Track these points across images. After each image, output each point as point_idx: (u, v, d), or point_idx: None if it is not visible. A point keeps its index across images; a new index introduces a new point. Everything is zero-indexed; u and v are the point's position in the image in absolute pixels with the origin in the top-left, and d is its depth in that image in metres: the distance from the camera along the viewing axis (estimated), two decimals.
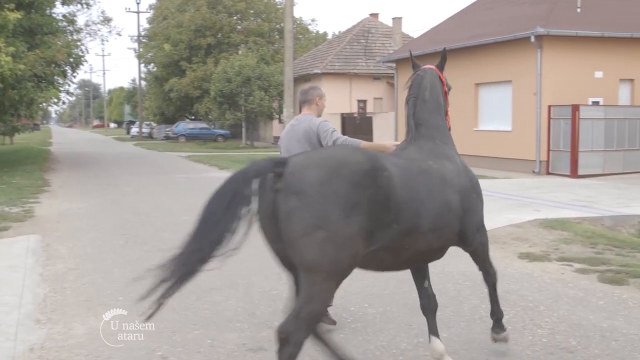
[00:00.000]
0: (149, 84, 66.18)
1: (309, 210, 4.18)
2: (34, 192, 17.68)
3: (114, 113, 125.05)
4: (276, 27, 55.24)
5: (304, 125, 6.43)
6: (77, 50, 30.18)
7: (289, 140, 6.48)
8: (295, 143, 6.38)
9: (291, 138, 6.47)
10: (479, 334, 6.08)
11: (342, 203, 4.17)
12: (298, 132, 6.44)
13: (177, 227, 11.95)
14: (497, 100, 25.00)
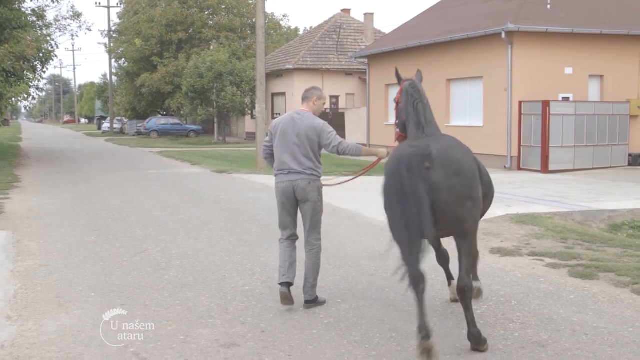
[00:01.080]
0: (120, 80, 65.65)
1: (465, 185, 5.56)
2: (3, 188, 17.47)
3: (85, 108, 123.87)
4: (248, 22, 55.08)
5: (307, 122, 6.79)
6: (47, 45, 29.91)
7: (288, 129, 6.79)
8: (294, 136, 6.74)
9: (290, 128, 6.78)
10: (451, 329, 6.13)
11: (477, 178, 5.79)
12: (300, 126, 6.76)
13: (148, 222, 11.92)
14: (468, 96, 25.19)
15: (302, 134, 6.74)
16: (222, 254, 9.37)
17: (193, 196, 15.73)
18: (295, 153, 6.74)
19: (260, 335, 6.00)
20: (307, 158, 6.75)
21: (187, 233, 10.95)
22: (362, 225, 11.72)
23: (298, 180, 6.72)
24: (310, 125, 6.76)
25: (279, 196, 6.85)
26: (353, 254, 9.30)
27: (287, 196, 6.79)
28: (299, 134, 6.74)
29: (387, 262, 8.71)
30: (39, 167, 25.63)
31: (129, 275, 8.20)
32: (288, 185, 6.76)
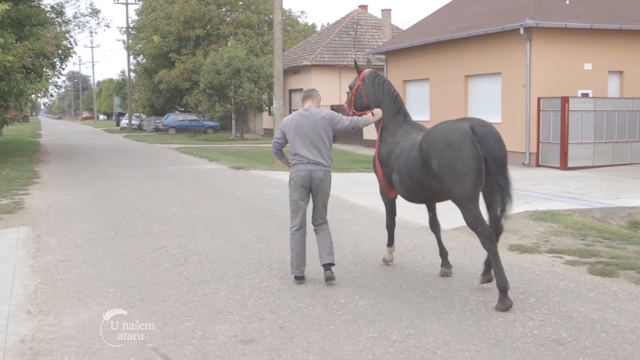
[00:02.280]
0: (138, 76, 65.92)
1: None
2: (23, 183, 17.61)
3: (104, 105, 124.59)
4: (265, 18, 55.11)
5: (317, 115, 7.59)
6: (66, 42, 30.05)
7: (302, 124, 7.53)
8: (309, 130, 7.49)
9: (303, 125, 7.52)
10: (469, 326, 6.10)
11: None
12: (313, 120, 7.53)
13: (167, 218, 11.96)
14: (486, 92, 25.04)
15: (317, 127, 7.50)
16: (240, 250, 9.40)
17: (211, 192, 15.77)
18: (312, 147, 7.47)
19: (278, 331, 6.01)
20: (323, 151, 7.51)
21: (205, 229, 10.99)
22: (379, 221, 11.67)
23: (316, 170, 7.47)
24: (320, 117, 7.56)
25: (298, 183, 7.52)
26: (370, 251, 9.30)
27: (305, 184, 7.51)
28: (314, 127, 7.49)
29: (405, 259, 8.73)
30: (58, 163, 25.80)
31: (147, 270, 8.24)
32: (307, 174, 7.46)
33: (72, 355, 5.48)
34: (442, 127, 7.07)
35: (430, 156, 6.91)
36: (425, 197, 7.70)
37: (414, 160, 7.23)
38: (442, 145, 6.79)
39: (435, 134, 7.00)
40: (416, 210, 12.54)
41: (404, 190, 7.71)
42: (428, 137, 7.09)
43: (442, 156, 6.76)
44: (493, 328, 6.03)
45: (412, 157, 7.28)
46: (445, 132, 6.91)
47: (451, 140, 6.74)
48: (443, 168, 6.77)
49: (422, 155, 7.06)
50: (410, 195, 7.76)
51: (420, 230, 10.80)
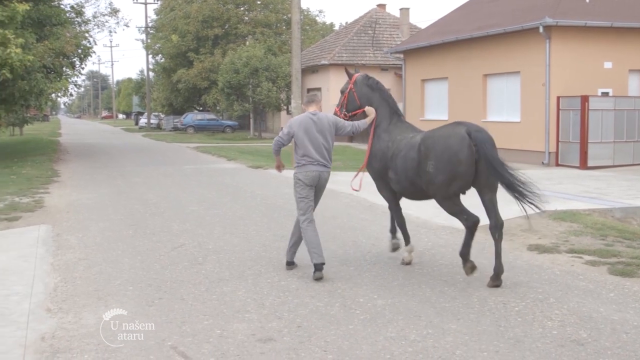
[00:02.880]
0: (157, 75, 66.20)
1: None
2: (43, 182, 17.75)
3: (123, 104, 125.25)
4: (283, 18, 55.13)
5: (325, 120, 8.01)
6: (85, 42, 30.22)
7: (312, 127, 7.91)
8: (317, 133, 7.90)
9: (311, 127, 7.91)
10: (488, 326, 6.07)
11: None
12: (321, 124, 7.95)
13: (185, 217, 12.01)
14: (505, 91, 24.92)
15: (325, 130, 7.97)
16: (258, 249, 9.41)
17: (229, 191, 15.81)
18: (321, 149, 7.92)
19: (296, 330, 6.01)
20: (329, 153, 8.04)
21: (223, 228, 11.02)
22: None
23: (323, 171, 7.97)
24: (327, 121, 8.04)
25: (306, 182, 7.93)
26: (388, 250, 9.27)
27: (313, 183, 7.95)
28: (322, 131, 7.94)
29: (423, 259, 8.70)
30: (77, 162, 25.98)
31: (166, 269, 8.28)
32: (316, 174, 7.92)
33: (92, 353, 5.51)
34: (441, 131, 7.58)
35: (428, 158, 7.42)
36: (413, 193, 8.15)
37: (412, 160, 7.71)
38: (441, 149, 7.31)
39: (435, 138, 7.49)
40: (435, 210, 12.52)
41: (399, 187, 8.19)
42: (427, 140, 7.57)
43: (440, 159, 7.30)
44: (512, 328, 6.00)
45: (410, 158, 7.74)
46: (444, 136, 7.41)
47: (449, 145, 7.28)
48: (438, 170, 7.33)
49: (420, 157, 7.55)
50: (404, 193, 8.30)
51: (439, 229, 10.78)
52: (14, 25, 21.53)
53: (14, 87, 23.07)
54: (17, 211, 12.80)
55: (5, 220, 11.84)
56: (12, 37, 20.62)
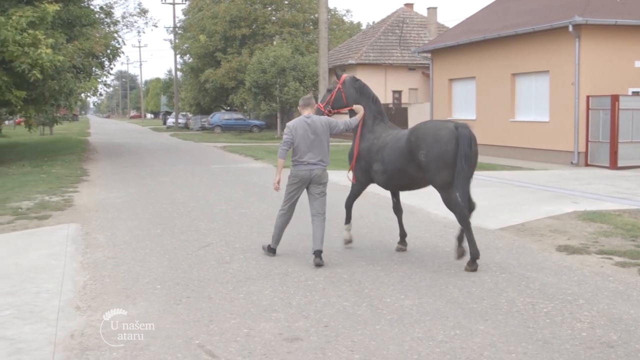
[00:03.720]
0: (184, 75, 66.61)
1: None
2: (73, 181, 17.94)
3: (151, 104, 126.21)
4: (311, 17, 55.21)
5: (319, 122, 8.69)
6: (114, 42, 30.53)
7: (308, 131, 8.59)
8: (315, 135, 8.58)
9: (311, 131, 8.59)
10: (516, 327, 6.02)
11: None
12: (314, 127, 8.62)
13: (213, 216, 12.06)
14: (534, 91, 24.73)
15: (319, 132, 8.61)
16: (285, 248, 9.42)
17: (256, 190, 15.85)
18: (313, 150, 8.60)
19: (323, 329, 6.01)
20: (323, 153, 8.67)
21: (250, 227, 11.05)
22: (425, 221, 11.64)
23: (314, 169, 8.63)
24: (321, 123, 8.67)
25: (298, 179, 8.72)
26: (416, 250, 9.25)
27: (304, 180, 8.69)
28: (316, 132, 8.60)
29: (451, 259, 8.65)
30: (106, 161, 26.21)
31: (193, 268, 8.32)
32: (307, 173, 8.65)
33: (120, 351, 5.56)
34: (431, 124, 8.62)
35: (419, 147, 8.18)
36: (402, 184, 8.95)
37: (400, 150, 8.49)
38: (432, 140, 8.09)
39: (425, 130, 8.33)
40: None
41: (385, 178, 8.87)
42: (417, 131, 8.40)
43: (432, 148, 8.06)
44: (541, 330, 5.95)
45: (398, 148, 8.52)
46: (435, 129, 8.27)
47: (440, 136, 8.07)
48: (430, 159, 8.08)
49: (410, 146, 8.32)
50: (388, 182, 8.95)
51: None
52: (45, 26, 21.79)
53: (44, 87, 23.35)
54: (47, 210, 12.95)
55: (36, 219, 11.98)
56: (42, 37, 20.87)
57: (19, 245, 9.87)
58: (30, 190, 15.82)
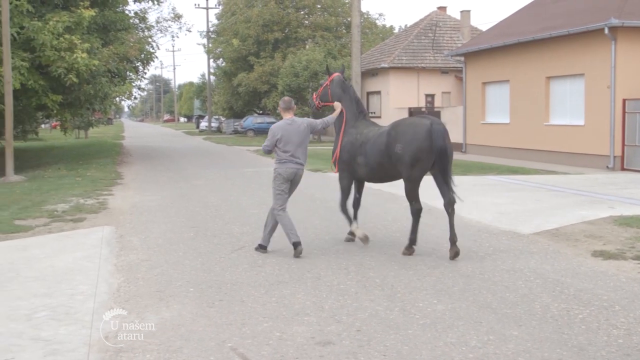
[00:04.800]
0: (217, 79, 67.00)
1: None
2: (107, 184, 18.13)
3: (184, 107, 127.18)
4: (343, 21, 55.22)
5: (300, 124, 9.35)
6: (148, 47, 30.83)
7: (291, 132, 9.22)
8: (295, 137, 9.21)
9: (293, 131, 9.23)
10: (551, 333, 5.96)
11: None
12: (300, 128, 9.30)
13: (246, 220, 12.11)
14: (568, 94, 24.47)
15: (301, 133, 9.28)
16: (317, 252, 9.43)
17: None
18: (297, 150, 9.24)
19: (355, 334, 6.00)
20: (304, 154, 9.36)
21: (280, 230, 11.05)
22: (458, 225, 11.47)
23: (300, 168, 9.34)
24: (302, 124, 9.36)
25: (285, 177, 9.26)
26: (448, 255, 9.18)
27: (290, 177, 9.28)
28: (298, 134, 9.24)
29: (484, 264, 8.59)
30: (140, 164, 26.45)
31: (226, 271, 8.35)
32: (294, 171, 9.27)
33: (154, 353, 5.60)
34: (409, 121, 9.48)
35: (397, 141, 8.90)
36: (380, 175, 9.66)
37: (381, 144, 9.20)
38: (409, 135, 8.82)
39: (404, 126, 9.09)
40: (495, 215, 12.38)
41: (367, 170, 9.59)
42: (397, 127, 9.16)
43: (408, 143, 8.78)
44: (576, 336, 5.88)
45: (379, 142, 9.24)
46: (412, 125, 9.03)
47: (416, 132, 8.80)
48: (405, 152, 8.79)
49: (389, 140, 9.04)
50: (370, 174, 9.66)
51: (500, 234, 10.62)
52: (81, 31, 22.11)
53: (80, 91, 23.68)
54: (82, 212, 13.11)
55: (71, 222, 12.13)
56: (78, 42, 21.18)
57: (55, 247, 9.99)
58: (66, 193, 16.03)
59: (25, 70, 20.80)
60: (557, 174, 20.76)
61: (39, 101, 22.87)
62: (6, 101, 20.04)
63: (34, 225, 11.83)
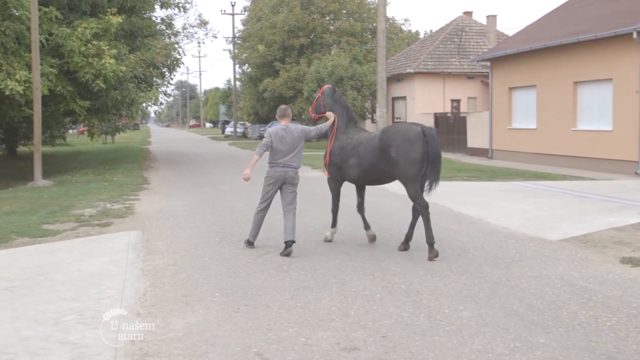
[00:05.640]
0: (243, 85, 67.30)
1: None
2: (134, 189, 18.26)
3: (210, 113, 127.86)
4: (369, 27, 55.19)
5: (296, 130, 10.03)
6: (175, 53, 31.06)
7: (285, 138, 9.88)
8: (290, 141, 9.88)
9: (286, 137, 9.90)
10: (578, 341, 5.89)
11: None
12: (294, 134, 9.96)
13: (271, 225, 12.09)
14: (596, 99, 24.23)
15: (295, 139, 9.93)
16: (342, 257, 9.42)
17: (314, 199, 15.86)
18: (288, 154, 9.92)
19: (381, 340, 5.98)
20: (296, 157, 10.00)
21: (308, 236, 11.08)
22: (484, 231, 11.49)
23: (289, 171, 9.94)
24: (297, 131, 10.02)
25: (274, 179, 9.96)
26: (475, 261, 9.13)
27: (279, 180, 9.94)
28: (292, 140, 9.91)
29: (511, 270, 8.53)
30: (166, 169, 26.61)
31: (252, 276, 8.37)
32: (282, 173, 9.92)
33: (179, 357, 5.62)
34: (401, 126, 10.00)
35: (390, 146, 9.44)
36: (373, 178, 10.18)
37: (374, 148, 9.76)
38: (401, 140, 9.38)
39: (396, 131, 9.70)
40: (522, 221, 12.29)
41: (359, 171, 10.10)
42: (388, 132, 9.77)
43: (401, 147, 9.33)
44: (604, 344, 5.81)
45: (372, 146, 9.81)
46: (404, 130, 9.57)
47: (408, 137, 9.34)
48: (399, 155, 9.34)
49: (382, 144, 9.60)
50: (361, 175, 10.17)
51: (527, 241, 10.53)
52: (108, 37, 22.35)
53: (107, 96, 23.92)
54: (109, 217, 13.21)
55: (98, 226, 12.23)
56: (106, 48, 21.40)
57: (82, 251, 10.08)
58: (93, 198, 16.16)
59: (54, 76, 21.05)
60: (585, 179, 20.57)
61: (67, 107, 23.14)
62: (35, 107, 20.29)
63: (62, 229, 11.95)
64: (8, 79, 19.53)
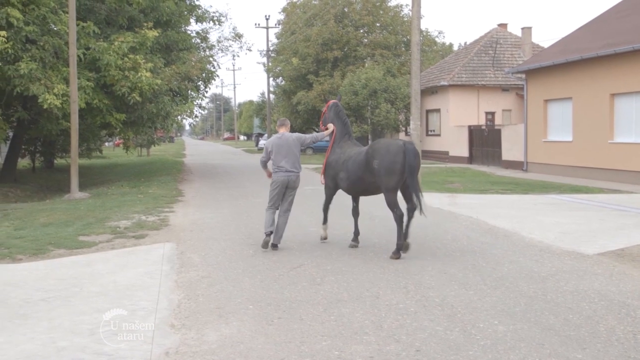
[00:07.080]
0: (277, 97, 67.54)
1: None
2: (168, 202, 18.40)
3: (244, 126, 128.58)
4: (403, 39, 55.13)
5: (291, 138, 11.14)
6: (210, 66, 31.29)
7: (281, 145, 11.03)
8: (286, 147, 11.00)
9: (282, 144, 11.04)
10: (616, 357, 5.80)
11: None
12: (289, 141, 11.09)
13: (304, 238, 12.12)
14: (634, 111, 23.91)
15: (291, 146, 11.04)
16: (375, 270, 9.38)
17: (348, 212, 15.74)
18: (287, 160, 10.98)
19: (414, 354, 5.93)
20: (295, 162, 11.07)
21: (341, 249, 11.06)
22: (519, 245, 11.37)
23: (291, 175, 11.01)
24: (292, 139, 11.14)
25: (278, 184, 10.98)
26: (510, 275, 9.03)
27: (283, 185, 11.00)
28: (289, 147, 11.01)
29: (547, 285, 8.42)
30: (200, 182, 26.78)
31: (285, 289, 8.37)
32: (285, 178, 10.98)
33: None
34: (384, 141, 10.63)
35: (373, 158, 10.33)
36: (361, 189, 11.01)
37: (361, 161, 10.64)
38: (384, 152, 10.25)
39: (379, 145, 10.48)
40: (558, 235, 12.15)
41: (348, 184, 11.06)
42: (374, 146, 10.58)
43: (382, 159, 10.20)
44: None
45: (359, 160, 10.70)
46: (386, 144, 10.40)
47: (390, 150, 10.22)
48: (381, 167, 10.19)
49: (367, 157, 10.49)
50: (351, 187, 11.11)
51: (563, 254, 10.40)
52: (144, 51, 22.61)
53: (143, 109, 24.17)
54: (144, 229, 13.32)
55: (133, 238, 12.34)
56: (142, 61, 21.64)
57: (117, 263, 10.17)
58: (128, 210, 16.32)
59: (91, 89, 21.33)
60: (622, 192, 20.28)
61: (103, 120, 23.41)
62: (72, 120, 20.58)
63: (98, 241, 12.08)
64: (47, 93, 19.83)
